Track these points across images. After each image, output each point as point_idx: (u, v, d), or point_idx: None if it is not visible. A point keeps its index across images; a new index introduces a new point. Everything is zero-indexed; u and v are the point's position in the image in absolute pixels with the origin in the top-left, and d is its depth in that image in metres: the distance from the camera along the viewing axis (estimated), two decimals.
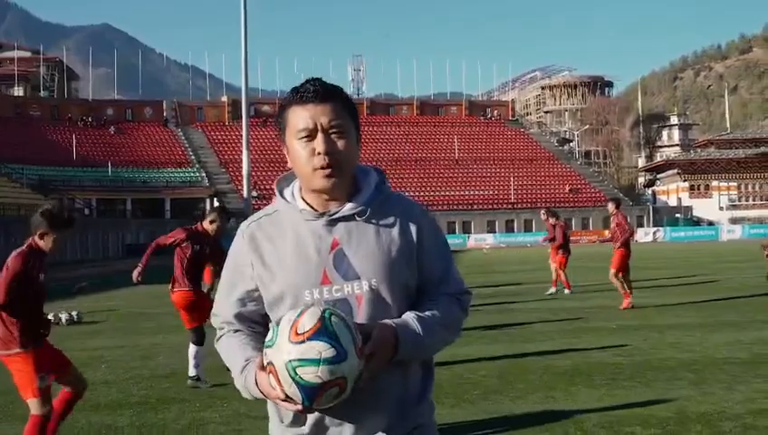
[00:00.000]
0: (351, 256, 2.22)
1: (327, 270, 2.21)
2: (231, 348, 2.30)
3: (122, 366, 10.02)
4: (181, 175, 78.42)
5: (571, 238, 19.02)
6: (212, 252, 9.02)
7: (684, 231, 73.85)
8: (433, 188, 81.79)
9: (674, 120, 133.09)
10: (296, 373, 2.00)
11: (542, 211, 20.65)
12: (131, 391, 8.42)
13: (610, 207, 16.09)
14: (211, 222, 8.95)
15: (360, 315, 2.20)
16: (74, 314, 16.12)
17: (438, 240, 2.37)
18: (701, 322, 12.79)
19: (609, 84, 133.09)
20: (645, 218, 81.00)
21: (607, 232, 47.90)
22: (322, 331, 2.01)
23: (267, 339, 2.09)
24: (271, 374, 2.05)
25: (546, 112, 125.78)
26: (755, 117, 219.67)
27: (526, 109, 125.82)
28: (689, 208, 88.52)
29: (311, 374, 1.99)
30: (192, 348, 8.54)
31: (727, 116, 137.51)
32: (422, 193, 77.20)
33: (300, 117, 2.22)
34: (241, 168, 72.24)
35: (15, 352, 5.30)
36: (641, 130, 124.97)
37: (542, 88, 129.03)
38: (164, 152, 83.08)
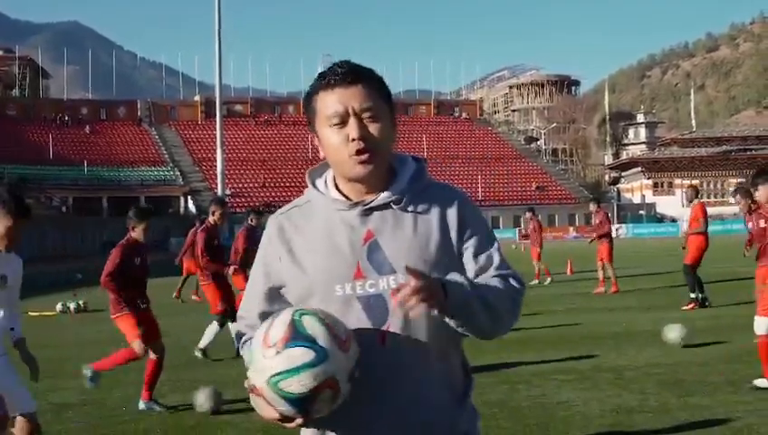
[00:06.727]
0: (387, 248, 2.08)
1: (361, 263, 2.08)
2: None
3: None
4: (155, 174, 79.66)
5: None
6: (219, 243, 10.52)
7: (646, 228, 75.64)
8: None
9: (640, 118, 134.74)
10: (280, 388, 1.88)
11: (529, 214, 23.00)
12: None
13: (592, 206, 19.63)
14: (213, 213, 10.21)
15: (397, 312, 2.04)
16: (81, 302, 17.90)
17: (483, 229, 2.21)
18: (635, 304, 15.02)
19: (577, 83, 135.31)
20: (609, 216, 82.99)
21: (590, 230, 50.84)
22: (295, 336, 1.89)
23: (246, 360, 2.01)
24: (260, 396, 1.94)
25: (514, 111, 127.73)
26: (722, 115, 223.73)
27: (494, 107, 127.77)
28: (653, 205, 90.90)
29: (295, 385, 1.87)
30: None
31: (692, 114, 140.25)
32: None
33: (329, 102, 2.08)
34: (214, 166, 73.46)
35: (119, 314, 7.34)
36: (608, 128, 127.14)
37: (510, 87, 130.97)
38: (138, 151, 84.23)
